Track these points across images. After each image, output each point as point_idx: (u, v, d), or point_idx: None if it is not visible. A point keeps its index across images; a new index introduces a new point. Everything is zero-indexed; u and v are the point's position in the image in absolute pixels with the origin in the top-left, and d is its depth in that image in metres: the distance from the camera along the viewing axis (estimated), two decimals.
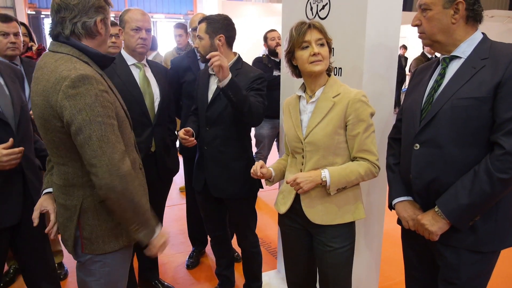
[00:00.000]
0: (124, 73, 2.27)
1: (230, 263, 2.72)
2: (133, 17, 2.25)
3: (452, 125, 1.47)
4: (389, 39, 1.95)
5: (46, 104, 1.39)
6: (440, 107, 1.50)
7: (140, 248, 2.53)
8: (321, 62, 1.68)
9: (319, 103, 1.74)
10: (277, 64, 4.16)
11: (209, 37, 2.21)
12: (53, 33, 1.49)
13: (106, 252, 1.56)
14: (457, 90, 1.47)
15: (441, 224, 1.51)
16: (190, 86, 2.81)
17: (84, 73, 1.37)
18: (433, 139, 1.52)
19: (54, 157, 1.53)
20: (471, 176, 1.45)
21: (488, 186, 1.40)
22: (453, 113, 1.47)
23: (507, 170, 1.37)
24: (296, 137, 1.80)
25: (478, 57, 1.48)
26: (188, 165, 3.04)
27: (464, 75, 1.48)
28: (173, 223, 3.97)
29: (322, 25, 1.73)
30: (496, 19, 10.90)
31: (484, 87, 1.42)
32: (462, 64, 1.52)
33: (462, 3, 1.48)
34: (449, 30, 1.52)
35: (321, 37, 1.69)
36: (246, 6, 13.15)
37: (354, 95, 1.69)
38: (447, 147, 1.49)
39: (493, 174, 1.39)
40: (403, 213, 1.66)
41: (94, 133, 1.36)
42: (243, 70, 2.27)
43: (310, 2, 2.19)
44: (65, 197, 1.53)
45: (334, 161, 1.74)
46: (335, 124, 1.70)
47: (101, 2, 1.49)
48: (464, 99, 1.44)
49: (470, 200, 1.43)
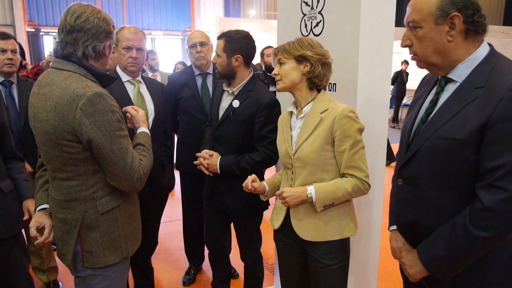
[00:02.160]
0: (118, 90, 2.28)
1: (227, 278, 2.69)
2: (124, 36, 2.27)
3: (432, 166, 1.30)
4: (383, 54, 1.98)
5: (59, 121, 1.44)
6: (421, 144, 1.32)
7: (136, 264, 2.54)
8: (280, 81, 1.77)
9: (307, 119, 1.76)
10: (273, 80, 4.20)
11: (226, 56, 2.18)
12: (62, 52, 1.52)
13: (106, 265, 1.60)
14: (439, 127, 1.28)
15: (419, 269, 1.37)
16: (186, 102, 2.83)
17: (99, 91, 1.46)
18: (414, 178, 1.37)
19: (58, 172, 1.55)
20: (449, 227, 1.28)
21: (464, 242, 1.23)
22: (433, 153, 1.29)
23: (486, 228, 1.19)
24: (286, 152, 1.81)
25: (472, 85, 1.24)
26: (184, 181, 3.04)
27: (452, 107, 1.26)
28: (169, 239, 3.94)
29: (290, 44, 1.74)
30: (491, 34, 11.04)
31: (468, 127, 1.20)
32: (453, 92, 1.29)
33: (458, 16, 1.22)
34: (446, 51, 1.27)
35: (280, 57, 1.76)
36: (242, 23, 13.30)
37: (340, 111, 1.67)
38: (426, 189, 1.33)
39: (470, 231, 1.21)
40: (393, 243, 1.56)
41: (116, 146, 1.49)
42: (254, 93, 2.22)
43: (305, 19, 2.22)
44: (66, 211, 1.56)
45: (322, 178, 1.73)
46: (321, 140, 1.70)
47: (110, 28, 1.57)
48: (444, 140, 1.25)
49: (447, 253, 1.28)
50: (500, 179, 1.16)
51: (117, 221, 1.61)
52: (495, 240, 1.22)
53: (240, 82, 2.24)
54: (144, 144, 1.70)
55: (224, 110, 2.27)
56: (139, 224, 1.77)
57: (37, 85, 1.54)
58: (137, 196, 1.78)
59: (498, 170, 1.16)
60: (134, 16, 13.96)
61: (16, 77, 2.70)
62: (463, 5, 1.23)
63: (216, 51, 2.23)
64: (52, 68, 1.55)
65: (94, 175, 1.54)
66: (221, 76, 2.26)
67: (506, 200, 1.16)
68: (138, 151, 1.66)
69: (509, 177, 1.15)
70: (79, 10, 1.49)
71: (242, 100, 2.21)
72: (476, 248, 1.24)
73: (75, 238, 1.56)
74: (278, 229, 1.90)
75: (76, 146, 1.47)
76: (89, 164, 1.52)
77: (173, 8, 14.61)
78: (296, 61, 1.73)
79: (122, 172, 1.52)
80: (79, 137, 1.45)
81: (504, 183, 1.16)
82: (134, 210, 1.71)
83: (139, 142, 1.71)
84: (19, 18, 12.10)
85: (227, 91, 2.30)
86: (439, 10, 1.24)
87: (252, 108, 2.18)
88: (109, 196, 1.58)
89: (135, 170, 1.54)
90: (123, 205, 1.63)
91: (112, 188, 1.59)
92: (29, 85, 2.68)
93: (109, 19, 1.57)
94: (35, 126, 1.52)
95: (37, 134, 1.54)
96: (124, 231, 1.64)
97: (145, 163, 1.62)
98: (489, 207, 1.18)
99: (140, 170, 1.56)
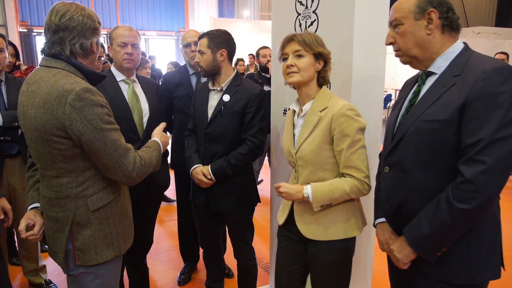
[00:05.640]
0: (112, 89, 2.28)
1: (221, 277, 2.70)
2: (118, 33, 2.27)
3: (416, 149, 1.39)
4: (377, 54, 1.99)
5: (49, 117, 1.44)
6: (406, 130, 1.42)
7: (131, 264, 2.54)
8: (296, 74, 1.70)
9: (307, 118, 1.75)
10: (267, 80, 4.21)
11: (211, 51, 2.24)
12: (50, 52, 1.53)
13: (98, 263, 1.60)
14: (423, 111, 1.38)
15: (407, 252, 1.43)
16: (181, 101, 2.84)
17: (87, 86, 1.46)
18: (399, 162, 1.45)
19: (48, 169, 1.55)
20: (434, 204, 1.35)
21: (448, 216, 1.30)
22: (417, 136, 1.38)
23: (468, 200, 1.25)
24: (289, 151, 1.82)
25: (451, 73, 1.37)
26: (179, 180, 3.04)
27: (433, 94, 1.39)
28: (164, 239, 3.93)
29: (308, 37, 1.71)
30: (483, 35, 11.14)
31: (449, 109, 1.31)
32: (434, 82, 1.42)
33: (434, 12, 1.38)
34: (425, 43, 1.41)
35: (299, 49, 1.69)
36: (237, 23, 13.33)
37: (338, 109, 1.65)
38: (411, 172, 1.41)
39: (452, 204, 1.28)
40: (380, 236, 1.61)
41: (108, 138, 1.49)
42: (242, 86, 2.29)
43: (299, 19, 2.23)
44: (57, 209, 1.56)
45: (324, 177, 1.73)
46: (320, 139, 1.69)
47: (96, 24, 1.57)
48: (428, 122, 1.35)
49: (432, 230, 1.34)
50: (478, 152, 1.24)
51: (109, 218, 1.61)
52: (476, 212, 1.28)
53: (226, 79, 2.29)
54: (150, 146, 1.75)
55: (213, 108, 2.29)
56: (131, 222, 1.77)
57: (26, 84, 1.54)
58: (129, 194, 1.78)
59: (477, 144, 1.24)
60: (128, 16, 13.94)
61: (5, 75, 2.68)
62: (438, 3, 1.39)
63: (200, 50, 2.27)
64: (40, 66, 1.55)
65: (84, 172, 1.54)
66: (205, 73, 2.29)
67: (485, 172, 1.23)
68: (143, 149, 1.70)
69: (487, 150, 1.23)
70: (63, 8, 1.50)
71: (232, 94, 2.26)
72: (459, 222, 1.30)
73: (67, 236, 1.56)
74: (282, 225, 1.91)
75: (66, 142, 1.47)
76: (79, 161, 1.52)
77: (167, 9, 14.61)
78: (314, 56, 1.71)
79: (117, 163, 1.52)
80: (69, 132, 1.45)
81: (482, 156, 1.23)
82: (125, 208, 1.72)
83: (147, 145, 1.76)
84: (11, 18, 12.04)
85: (213, 89, 2.33)
86: (417, 8, 1.40)
87: (244, 100, 2.24)
88: (100, 193, 1.58)
89: (131, 160, 1.55)
90: (114, 202, 1.63)
91: (103, 186, 1.59)
92: (17, 83, 2.66)
93: (93, 15, 1.57)
94: (25, 124, 1.52)
95: (26, 132, 1.54)
96: (116, 228, 1.64)
97: (144, 156, 1.64)
98: (469, 179, 1.24)
99: (136, 160, 1.57)
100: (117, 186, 1.65)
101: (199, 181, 2.28)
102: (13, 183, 2.67)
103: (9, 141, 2.59)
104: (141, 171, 1.60)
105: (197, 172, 2.28)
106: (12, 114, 2.55)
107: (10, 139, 2.59)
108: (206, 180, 2.25)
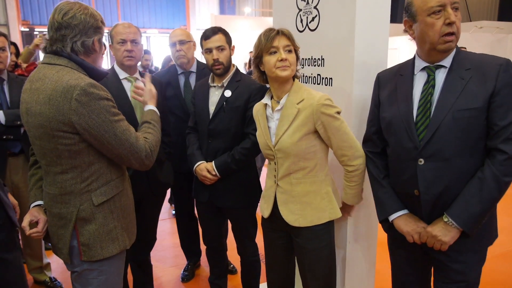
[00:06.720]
0: (115, 87, 2.28)
1: (224, 273, 2.71)
2: (118, 31, 2.27)
3: (456, 137, 1.49)
4: (378, 49, 1.98)
5: (54, 112, 1.45)
6: (441, 121, 1.50)
7: (135, 261, 2.55)
8: (288, 68, 1.73)
9: (284, 111, 1.78)
10: None
11: (229, 47, 2.28)
12: (51, 49, 1.55)
13: (103, 258, 1.61)
14: (454, 102, 1.49)
15: (454, 234, 1.52)
16: (170, 101, 2.79)
17: (92, 82, 1.49)
18: (439, 152, 1.52)
19: (53, 166, 1.56)
20: (477, 184, 1.48)
21: (496, 191, 1.46)
22: (455, 125, 1.48)
23: (511, 173, 1.45)
24: (266, 145, 1.85)
25: (461, 67, 1.51)
26: (177, 179, 3.03)
27: (456, 86, 1.50)
28: (167, 237, 3.95)
29: (291, 32, 1.77)
30: (486, 29, 11.07)
31: (480, 98, 1.46)
32: (448, 75, 1.53)
33: None
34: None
35: (289, 44, 1.74)
36: (238, 20, 13.30)
37: (317, 100, 1.71)
38: (453, 159, 1.50)
39: (500, 179, 1.44)
40: (406, 228, 1.63)
41: (118, 129, 1.53)
42: (243, 82, 2.30)
43: (300, 14, 2.23)
44: (61, 205, 1.57)
45: (305, 166, 1.79)
46: (301, 131, 1.73)
47: (98, 23, 1.59)
48: (465, 111, 1.47)
49: (482, 207, 1.47)
50: None
51: (113, 213, 1.63)
52: None
53: (227, 75, 2.30)
54: (150, 121, 1.77)
55: (215, 104, 2.29)
56: (133, 218, 1.79)
57: (29, 81, 1.55)
58: (131, 191, 1.80)
59: (510, 126, 1.44)
60: (129, 14, 13.94)
61: (7, 74, 2.69)
62: None
63: (221, 45, 2.24)
64: (43, 64, 1.56)
65: (89, 167, 1.55)
66: (224, 70, 2.27)
67: None
68: (144, 129, 1.72)
69: None
70: (66, 7, 1.53)
71: (233, 89, 2.27)
72: (503, 194, 1.48)
73: (71, 231, 1.57)
74: (267, 218, 1.95)
75: (72, 137, 1.48)
76: (85, 156, 1.53)
77: (168, 6, 14.60)
78: (295, 52, 1.77)
79: (130, 152, 1.57)
80: (77, 127, 1.46)
81: None
82: (128, 203, 1.73)
83: (146, 120, 1.78)
84: (13, 17, 12.05)
85: (213, 86, 2.33)
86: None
87: (245, 94, 2.25)
88: (104, 188, 1.59)
89: (142, 148, 1.60)
90: (118, 197, 1.65)
91: (107, 180, 1.60)
92: (19, 82, 2.68)
93: (96, 14, 1.59)
94: (28, 121, 1.53)
95: (30, 129, 1.54)
96: (120, 223, 1.65)
97: (151, 140, 1.67)
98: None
99: (146, 147, 1.62)
100: (120, 180, 1.67)
101: (203, 178, 2.28)
102: (16, 181, 2.69)
103: (12, 139, 2.61)
104: (152, 156, 1.66)
105: (201, 168, 2.28)
106: (14, 112, 2.57)
107: (13, 138, 2.61)
108: (210, 176, 2.26)
